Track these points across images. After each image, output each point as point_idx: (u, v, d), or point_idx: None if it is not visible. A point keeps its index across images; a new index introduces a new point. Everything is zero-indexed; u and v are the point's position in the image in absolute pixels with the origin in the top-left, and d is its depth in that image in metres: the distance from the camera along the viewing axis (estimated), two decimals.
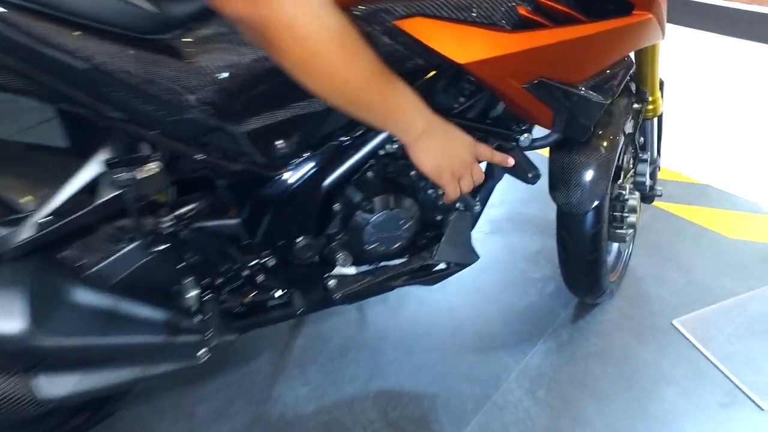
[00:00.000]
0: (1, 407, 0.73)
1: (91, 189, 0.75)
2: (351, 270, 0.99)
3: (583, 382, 1.25)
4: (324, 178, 0.86)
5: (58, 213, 0.73)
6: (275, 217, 0.85)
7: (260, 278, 0.89)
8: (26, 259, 0.73)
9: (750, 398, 1.24)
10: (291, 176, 0.83)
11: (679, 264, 1.60)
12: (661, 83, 1.22)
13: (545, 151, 1.08)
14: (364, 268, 1.01)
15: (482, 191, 1.04)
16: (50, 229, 0.73)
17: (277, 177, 0.82)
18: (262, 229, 0.86)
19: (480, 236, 1.67)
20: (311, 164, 0.83)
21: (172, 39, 0.70)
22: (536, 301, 1.46)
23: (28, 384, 0.73)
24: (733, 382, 1.27)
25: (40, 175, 0.82)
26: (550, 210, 1.80)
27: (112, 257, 0.80)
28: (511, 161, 0.91)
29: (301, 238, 0.88)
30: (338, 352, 1.30)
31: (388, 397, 1.20)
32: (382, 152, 0.92)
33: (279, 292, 0.92)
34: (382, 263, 1.04)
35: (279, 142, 0.79)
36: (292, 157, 0.81)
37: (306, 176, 0.84)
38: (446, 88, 0.92)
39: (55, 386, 0.75)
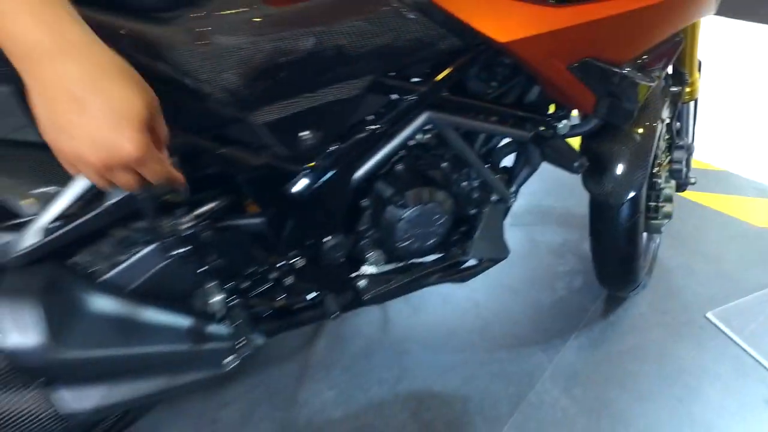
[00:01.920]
0: (23, 426, 0.64)
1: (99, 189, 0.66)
2: (382, 269, 0.89)
3: (620, 381, 1.15)
4: (353, 171, 0.76)
5: (65, 216, 0.64)
6: (302, 215, 0.76)
7: (288, 280, 0.80)
8: (34, 267, 0.64)
9: None
10: (318, 170, 0.73)
11: (707, 255, 1.49)
12: (699, 63, 1.11)
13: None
14: (393, 266, 0.92)
15: (519, 180, 0.94)
16: (58, 233, 0.64)
17: (303, 171, 0.72)
18: (289, 228, 0.77)
19: None
20: (339, 156, 0.73)
21: (179, 16, 0.60)
22: (564, 296, 1.36)
23: (49, 399, 0.64)
24: None
25: (40, 176, 0.72)
26: (571, 201, 1.71)
27: (127, 262, 0.70)
28: (171, 180, 0.54)
29: (330, 237, 0.79)
30: (362, 354, 1.21)
31: (418, 400, 1.11)
32: (412, 142, 0.82)
33: (308, 294, 0.82)
34: (412, 261, 0.95)
35: (304, 133, 0.69)
36: (318, 150, 0.71)
37: (334, 169, 0.74)
38: (479, 72, 0.82)
39: (79, 401, 0.66)
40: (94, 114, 0.45)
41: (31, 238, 0.62)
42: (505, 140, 0.92)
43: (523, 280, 1.40)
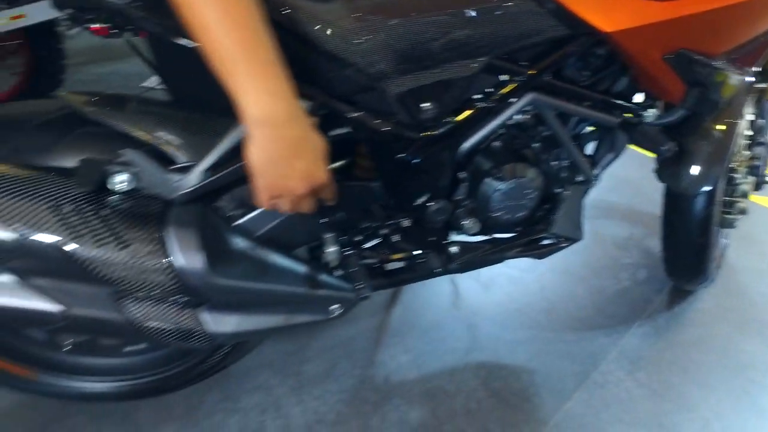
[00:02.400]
0: (177, 337, 0.76)
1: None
2: (472, 238, 0.97)
3: (684, 368, 1.19)
4: (461, 143, 0.85)
5: (216, 165, 0.75)
6: (412, 179, 0.85)
7: (393, 238, 0.89)
8: (192, 205, 0.75)
9: None
10: (431, 139, 0.82)
11: None
12: None
13: None
14: (481, 237, 1.00)
15: (602, 163, 1.00)
16: (212, 179, 0.75)
17: (418, 140, 0.82)
18: (400, 191, 0.86)
19: None
20: (451, 128, 0.82)
21: None
22: (629, 287, 1.40)
23: (198, 319, 0.76)
24: None
25: (191, 128, 0.82)
26: (636, 199, 1.74)
27: (258, 210, 0.81)
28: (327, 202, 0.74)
29: (434, 202, 0.88)
30: (435, 325, 1.29)
31: (488, 369, 1.18)
32: (510, 122, 0.90)
33: (408, 254, 0.92)
34: (496, 235, 1.03)
35: (425, 105, 0.78)
36: (434, 121, 0.80)
37: (445, 140, 0.83)
38: (575, 60, 0.90)
39: (219, 325, 0.77)
40: (306, 158, 0.63)
41: (193, 180, 0.74)
42: (593, 125, 0.99)
43: (587, 269, 1.45)
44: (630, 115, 0.92)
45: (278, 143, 0.61)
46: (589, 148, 1.04)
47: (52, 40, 1.95)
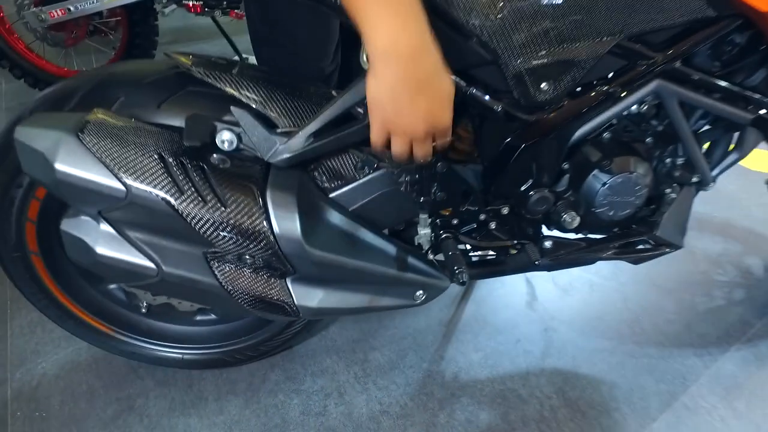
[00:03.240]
0: (262, 305, 0.74)
1: (346, 115, 0.73)
2: (567, 235, 0.90)
3: None
4: (574, 130, 0.78)
5: (319, 132, 0.72)
6: (516, 165, 0.79)
7: (489, 227, 0.83)
8: (291, 171, 0.72)
9: None
10: (542, 123, 0.75)
11: None
12: None
13: None
14: (577, 235, 0.92)
15: (723, 165, 0.90)
16: (316, 145, 0.71)
17: (529, 122, 0.75)
18: (501, 176, 0.80)
19: None
20: (566, 112, 0.75)
21: None
22: (723, 306, 1.27)
23: (285, 289, 0.73)
24: None
25: (275, 92, 0.79)
26: (732, 213, 1.59)
27: (356, 183, 0.78)
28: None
29: (536, 191, 0.81)
30: (509, 325, 1.22)
31: (564, 377, 1.10)
32: (626, 112, 0.82)
33: (500, 244, 0.86)
34: (591, 233, 0.94)
35: (544, 85, 0.72)
36: (550, 103, 0.74)
37: (556, 125, 0.76)
38: (709, 47, 0.80)
39: (305, 297, 0.74)
40: (431, 97, 0.58)
41: (297, 145, 0.71)
42: (716, 121, 0.89)
43: (675, 282, 1.33)
44: (765, 110, 0.82)
45: (403, 77, 0.55)
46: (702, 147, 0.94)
47: (149, 18, 2.02)
